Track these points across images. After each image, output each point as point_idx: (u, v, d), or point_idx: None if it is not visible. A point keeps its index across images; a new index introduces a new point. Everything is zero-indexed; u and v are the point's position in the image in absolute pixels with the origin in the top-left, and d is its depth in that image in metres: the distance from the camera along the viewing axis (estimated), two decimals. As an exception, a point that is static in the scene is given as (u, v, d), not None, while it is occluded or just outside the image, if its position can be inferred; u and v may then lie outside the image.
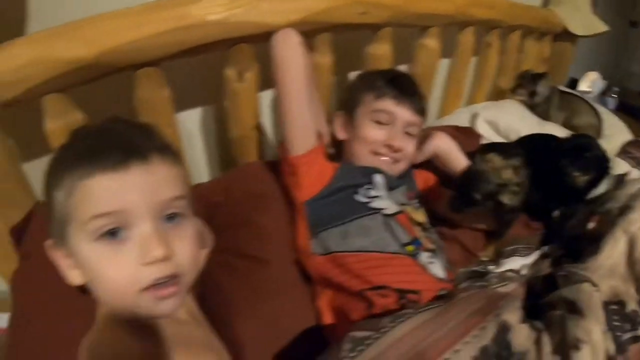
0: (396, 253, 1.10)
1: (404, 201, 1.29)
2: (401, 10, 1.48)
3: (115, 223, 0.66)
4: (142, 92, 1.12)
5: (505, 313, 0.95)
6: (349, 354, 0.81)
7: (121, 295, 0.69)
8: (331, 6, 1.26)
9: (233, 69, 1.24)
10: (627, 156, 2.12)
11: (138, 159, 0.67)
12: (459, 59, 2.02)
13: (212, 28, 1.09)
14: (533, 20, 2.36)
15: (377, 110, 1.30)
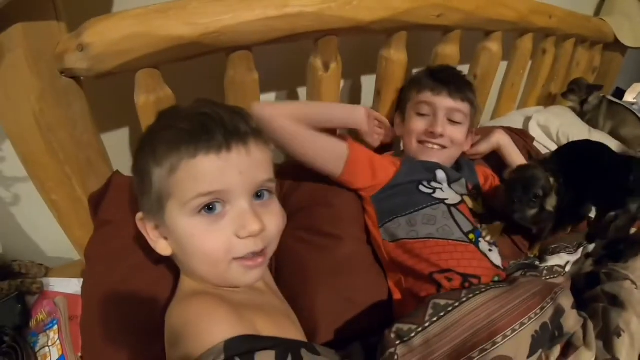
0: (460, 240, 1.19)
1: (464, 192, 1.37)
2: (472, 14, 1.57)
3: (215, 200, 0.76)
4: (234, 74, 1.20)
5: (561, 298, 1.04)
6: (431, 318, 0.92)
7: (215, 263, 0.79)
8: (414, 7, 1.35)
9: (319, 59, 1.33)
10: (667, 169, 2.21)
11: (238, 142, 0.76)
12: (515, 63, 2.10)
13: (307, 18, 1.16)
14: (587, 29, 2.43)
15: (419, 102, 1.40)
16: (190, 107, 0.83)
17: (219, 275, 0.81)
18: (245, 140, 0.78)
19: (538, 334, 0.91)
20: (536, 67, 2.32)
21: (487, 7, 1.63)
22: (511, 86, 2.19)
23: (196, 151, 0.74)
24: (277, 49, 1.24)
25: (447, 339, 0.89)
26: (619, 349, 1.02)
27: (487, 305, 0.94)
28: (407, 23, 1.39)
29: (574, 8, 2.35)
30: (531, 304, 0.97)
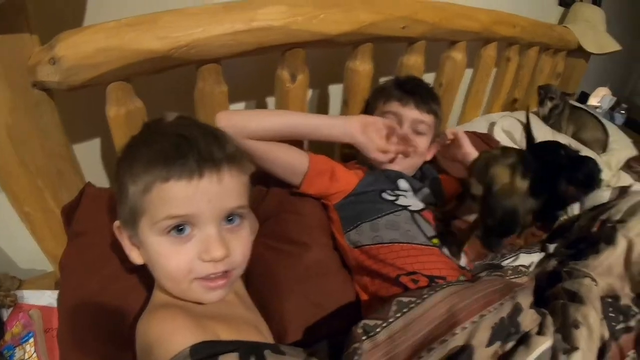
0: (423, 245, 1.26)
1: (430, 200, 1.45)
2: (437, 26, 1.65)
3: (183, 223, 0.81)
4: (203, 86, 1.26)
5: (520, 297, 1.11)
6: (395, 314, 0.99)
7: (177, 281, 0.85)
8: (379, 20, 1.42)
9: (286, 71, 1.39)
10: (631, 170, 2.35)
11: (211, 169, 0.81)
12: (480, 71, 2.20)
13: (274, 32, 1.22)
14: (550, 37, 2.54)
15: (385, 112, 1.48)
16: (172, 124, 0.88)
17: (182, 292, 0.86)
18: (218, 167, 0.82)
19: (497, 326, 0.98)
20: (501, 74, 2.42)
21: (451, 18, 1.71)
22: (476, 93, 2.29)
23: (169, 175, 0.78)
24: (246, 61, 1.29)
25: (410, 333, 0.95)
26: (578, 339, 1.09)
27: (447, 300, 1.00)
28: (373, 35, 1.46)
29: (539, 17, 2.46)
30: (491, 299, 1.04)
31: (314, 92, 1.82)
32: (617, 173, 2.35)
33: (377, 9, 1.43)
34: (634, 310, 1.35)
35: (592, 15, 2.91)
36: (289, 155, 1.30)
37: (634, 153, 2.56)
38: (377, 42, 1.54)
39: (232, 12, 1.17)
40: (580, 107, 2.64)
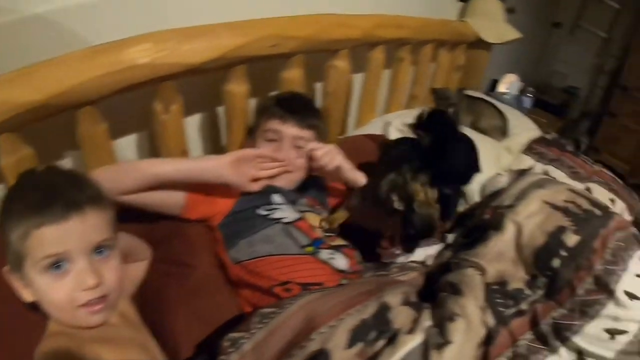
0: (297, 254, 1.37)
1: (306, 208, 1.55)
2: (311, 39, 1.74)
3: (59, 260, 0.95)
4: (83, 128, 1.34)
5: (387, 296, 1.21)
6: (256, 325, 1.10)
7: (64, 311, 0.99)
8: (245, 42, 1.51)
9: (160, 103, 1.47)
10: (532, 152, 2.46)
11: (76, 211, 0.95)
12: (370, 74, 2.31)
13: (141, 70, 1.31)
14: (444, 34, 2.68)
15: (267, 130, 1.58)
16: (41, 174, 1.03)
17: (71, 319, 1.00)
18: (82, 208, 0.96)
19: (357, 328, 1.08)
20: (395, 74, 2.53)
21: (326, 30, 1.81)
22: (369, 96, 2.40)
23: (40, 222, 0.92)
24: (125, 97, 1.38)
25: (273, 342, 1.06)
26: (452, 332, 1.16)
27: (306, 307, 1.11)
28: (241, 58, 1.55)
29: (438, 14, 2.65)
30: (354, 301, 1.15)
31: (204, 115, 1.90)
32: (518, 156, 2.48)
33: (242, 32, 1.52)
34: (526, 292, 1.42)
35: (490, 7, 3.08)
36: (164, 193, 1.40)
37: (536, 135, 2.71)
38: (249, 63, 1.63)
39: (100, 55, 1.26)
40: (477, 97, 2.80)
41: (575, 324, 1.33)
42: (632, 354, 1.30)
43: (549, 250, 1.45)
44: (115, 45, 1.29)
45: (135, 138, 1.71)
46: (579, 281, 1.38)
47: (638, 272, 1.40)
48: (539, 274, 1.44)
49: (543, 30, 5.30)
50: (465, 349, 1.16)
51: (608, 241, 1.44)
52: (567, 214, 1.53)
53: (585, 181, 2.30)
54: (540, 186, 1.71)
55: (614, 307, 1.33)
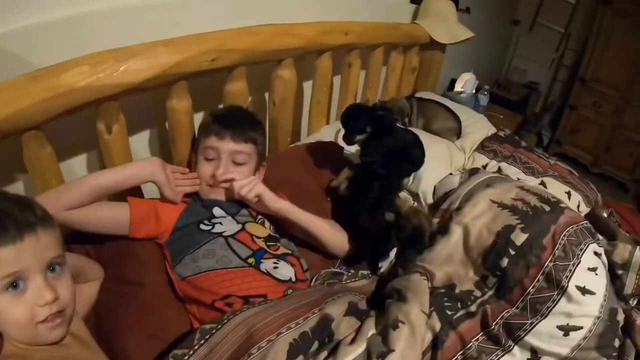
0: (239, 267, 1.39)
1: (248, 219, 1.57)
2: (252, 51, 1.77)
3: (16, 279, 0.98)
4: (28, 152, 1.37)
5: (329, 307, 1.24)
6: (199, 342, 1.12)
7: (24, 328, 1.01)
8: (183, 58, 1.53)
9: (102, 124, 1.49)
10: (486, 150, 2.52)
11: (30, 232, 0.99)
12: (318, 82, 2.33)
13: (80, 93, 1.33)
14: (394, 37, 2.71)
15: (205, 147, 1.60)
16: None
17: (32, 338, 1.03)
18: (34, 229, 1.00)
19: (297, 341, 1.11)
20: (345, 80, 2.55)
21: (267, 41, 1.83)
22: (318, 103, 2.42)
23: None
24: (70, 118, 1.40)
25: (215, 358, 1.09)
26: (395, 340, 1.18)
27: (246, 322, 1.14)
28: (181, 74, 1.57)
29: (391, 17, 2.71)
30: (295, 314, 1.18)
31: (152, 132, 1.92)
32: (472, 155, 2.54)
33: (180, 49, 1.54)
34: (475, 294, 1.46)
35: (442, 7, 3.12)
36: (109, 212, 1.44)
37: (489, 132, 2.78)
38: (191, 79, 1.65)
39: (37, 81, 1.27)
40: (429, 99, 2.83)
41: (526, 323, 1.36)
42: (588, 349, 1.34)
43: (497, 250, 1.49)
44: (53, 69, 1.31)
45: (84, 158, 1.72)
46: (530, 279, 1.42)
47: (590, 266, 1.44)
48: (488, 274, 1.48)
49: (503, 28, 5.39)
50: (409, 356, 1.18)
51: (558, 237, 1.47)
52: (515, 213, 1.57)
53: (540, 176, 2.35)
54: (488, 185, 1.74)
55: (567, 303, 1.36)
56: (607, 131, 4.96)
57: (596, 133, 5.05)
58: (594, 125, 5.04)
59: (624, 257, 1.55)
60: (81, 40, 1.45)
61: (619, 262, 1.55)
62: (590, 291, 1.38)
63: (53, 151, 1.43)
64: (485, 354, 1.34)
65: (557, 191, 2.13)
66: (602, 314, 1.38)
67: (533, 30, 5.54)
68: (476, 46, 3.92)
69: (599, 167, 5.12)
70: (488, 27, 4.63)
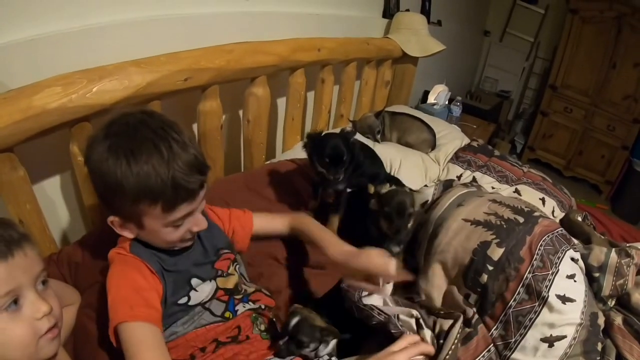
0: (215, 323, 1.33)
1: (218, 274, 1.41)
2: (224, 69, 1.76)
3: (14, 296, 0.97)
4: (0, 176, 1.32)
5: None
6: None
7: (27, 345, 0.99)
8: (155, 79, 1.52)
9: (76, 146, 1.47)
10: (460, 160, 2.55)
11: (17, 248, 0.99)
12: (291, 98, 2.34)
13: (52, 114, 1.29)
14: (366, 52, 2.73)
15: (175, 220, 1.27)
16: None
17: (33, 354, 1.01)
18: (21, 244, 1.00)
19: None
20: (318, 96, 2.56)
21: (240, 59, 1.83)
22: (292, 120, 2.42)
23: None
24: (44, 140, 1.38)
25: None
26: None
27: None
28: (154, 94, 1.56)
29: (363, 32, 2.74)
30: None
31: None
32: (446, 166, 2.56)
33: (152, 68, 1.53)
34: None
35: (414, 21, 3.17)
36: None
37: (463, 143, 2.82)
38: (164, 99, 1.64)
39: (9, 103, 1.24)
40: (401, 113, 2.87)
41: (510, 342, 1.37)
42: (575, 356, 1.34)
43: (475, 267, 1.48)
44: (24, 90, 1.28)
45: (58, 180, 1.69)
46: (510, 293, 1.42)
47: (568, 273, 1.45)
48: (470, 292, 1.48)
49: (474, 39, 5.46)
50: None
51: (535, 247, 1.47)
52: (490, 228, 1.56)
53: (514, 184, 2.38)
54: (460, 205, 1.73)
55: (549, 313, 1.36)
56: (579, 135, 5.08)
57: (568, 138, 5.15)
58: (565, 130, 5.14)
59: (600, 260, 1.56)
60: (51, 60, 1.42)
61: (595, 265, 1.55)
62: (571, 299, 1.39)
63: (26, 173, 1.40)
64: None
65: (531, 198, 2.16)
66: (584, 320, 1.39)
67: (503, 40, 5.64)
68: (448, 58, 3.96)
69: (572, 171, 5.21)
70: (459, 38, 4.70)
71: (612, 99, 4.76)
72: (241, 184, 1.96)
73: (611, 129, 4.81)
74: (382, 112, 2.75)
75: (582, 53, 4.85)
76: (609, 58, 4.67)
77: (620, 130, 4.78)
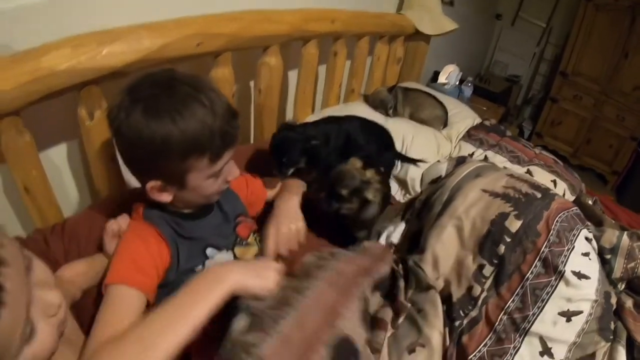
0: None
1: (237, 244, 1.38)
2: (236, 36, 1.72)
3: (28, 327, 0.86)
4: (6, 139, 1.30)
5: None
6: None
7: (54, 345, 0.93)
8: (167, 43, 1.48)
9: (84, 109, 1.43)
10: (472, 139, 2.53)
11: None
12: (304, 70, 2.29)
13: (60, 76, 1.26)
14: (380, 26, 2.69)
15: (215, 173, 1.28)
16: None
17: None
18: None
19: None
20: (330, 69, 2.53)
21: (251, 26, 1.79)
22: (303, 92, 2.39)
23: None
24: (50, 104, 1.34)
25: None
26: None
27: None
28: (166, 58, 1.51)
29: (376, 7, 2.64)
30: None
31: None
32: (458, 144, 2.55)
33: (164, 32, 1.49)
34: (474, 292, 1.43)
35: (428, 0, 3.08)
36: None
37: (475, 122, 2.79)
38: (175, 64, 1.58)
39: (16, 65, 1.21)
40: (413, 89, 2.83)
41: (529, 314, 1.36)
42: (592, 332, 1.34)
43: (493, 238, 1.47)
44: (33, 52, 1.25)
45: (64, 148, 1.66)
46: (527, 265, 1.41)
47: (583, 251, 1.44)
48: (485, 263, 1.45)
49: (485, 22, 5.39)
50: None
51: (552, 223, 1.47)
52: (508, 200, 1.55)
53: (526, 164, 2.36)
54: (478, 175, 1.72)
55: (565, 287, 1.36)
56: (587, 123, 5.02)
57: (576, 125, 5.09)
58: (574, 117, 5.08)
59: (612, 242, 1.55)
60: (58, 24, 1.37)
61: (607, 247, 1.54)
62: (586, 275, 1.39)
63: (32, 139, 1.37)
64: (497, 356, 1.33)
65: (543, 179, 2.14)
66: (599, 297, 1.39)
67: (515, 24, 5.56)
68: (458, 39, 3.92)
69: (579, 159, 5.16)
70: (471, 20, 4.63)
71: (623, 88, 4.68)
72: (252, 153, 1.95)
73: (620, 118, 4.75)
74: (395, 88, 2.72)
75: (594, 41, 4.76)
76: (621, 47, 4.59)
77: (629, 121, 4.71)
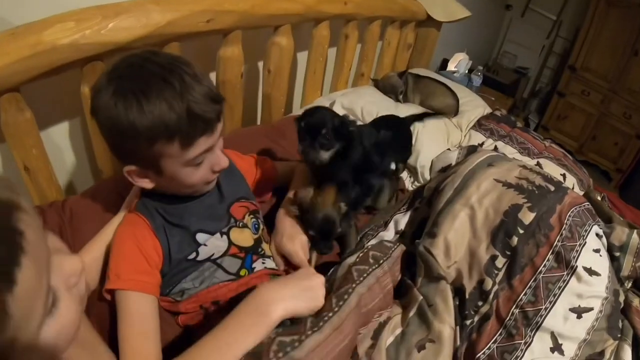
0: (229, 281, 1.26)
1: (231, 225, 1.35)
2: (248, 14, 1.66)
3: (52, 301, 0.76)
4: (6, 117, 1.25)
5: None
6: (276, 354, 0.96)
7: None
8: (176, 18, 1.42)
9: (87, 86, 1.37)
10: (483, 128, 2.48)
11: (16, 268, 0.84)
12: (314, 52, 2.24)
13: (63, 51, 1.22)
14: (392, 11, 2.62)
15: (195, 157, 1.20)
16: None
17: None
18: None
19: None
20: (340, 52, 2.47)
21: (264, 4, 1.73)
22: (313, 74, 2.33)
23: None
24: (50, 81, 1.29)
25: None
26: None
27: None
28: (174, 34, 1.46)
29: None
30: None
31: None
32: (468, 132, 2.50)
33: (173, 7, 1.43)
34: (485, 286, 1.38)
35: (441, -14, 3.03)
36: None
37: (486, 111, 2.74)
38: (184, 40, 1.54)
39: (17, 39, 1.16)
40: (425, 76, 2.76)
41: (541, 309, 1.32)
42: (601, 330, 1.30)
43: (506, 229, 1.42)
44: (35, 25, 1.19)
45: (66, 127, 1.61)
46: (541, 258, 1.37)
47: (595, 247, 1.41)
48: (498, 254, 1.41)
49: (495, 12, 5.33)
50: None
51: (565, 217, 1.44)
52: (522, 192, 1.51)
53: (536, 157, 2.33)
54: (490, 164, 1.68)
55: (577, 283, 1.33)
56: (594, 120, 4.97)
57: (583, 121, 5.05)
58: (581, 113, 5.04)
59: (621, 240, 1.53)
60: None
61: (617, 244, 1.52)
62: (596, 272, 1.36)
63: (33, 116, 1.31)
64: (507, 353, 1.28)
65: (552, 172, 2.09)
66: (609, 294, 1.37)
67: (525, 16, 5.49)
68: (468, 28, 3.87)
69: (584, 155, 5.13)
70: (480, 9, 4.56)
71: (632, 86, 4.60)
72: (261, 134, 1.91)
73: (627, 116, 4.68)
74: (406, 73, 2.67)
75: (605, 37, 4.69)
76: (631, 45, 4.51)
77: (636, 119, 4.63)
